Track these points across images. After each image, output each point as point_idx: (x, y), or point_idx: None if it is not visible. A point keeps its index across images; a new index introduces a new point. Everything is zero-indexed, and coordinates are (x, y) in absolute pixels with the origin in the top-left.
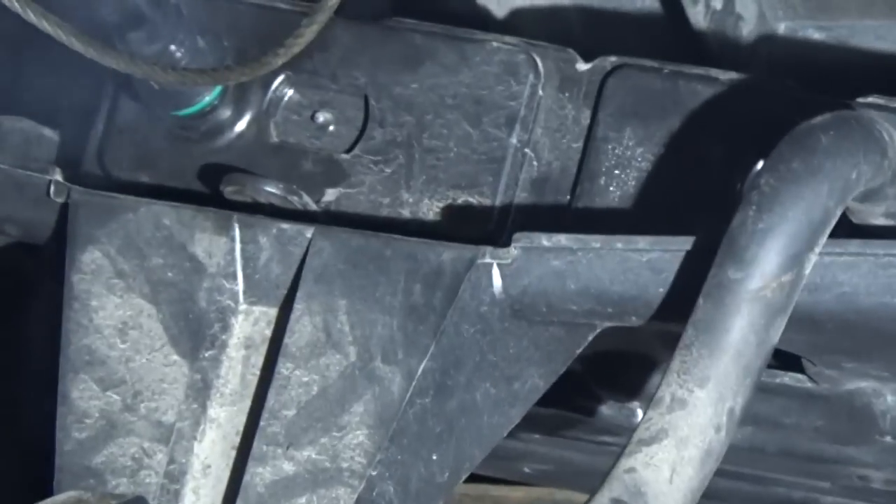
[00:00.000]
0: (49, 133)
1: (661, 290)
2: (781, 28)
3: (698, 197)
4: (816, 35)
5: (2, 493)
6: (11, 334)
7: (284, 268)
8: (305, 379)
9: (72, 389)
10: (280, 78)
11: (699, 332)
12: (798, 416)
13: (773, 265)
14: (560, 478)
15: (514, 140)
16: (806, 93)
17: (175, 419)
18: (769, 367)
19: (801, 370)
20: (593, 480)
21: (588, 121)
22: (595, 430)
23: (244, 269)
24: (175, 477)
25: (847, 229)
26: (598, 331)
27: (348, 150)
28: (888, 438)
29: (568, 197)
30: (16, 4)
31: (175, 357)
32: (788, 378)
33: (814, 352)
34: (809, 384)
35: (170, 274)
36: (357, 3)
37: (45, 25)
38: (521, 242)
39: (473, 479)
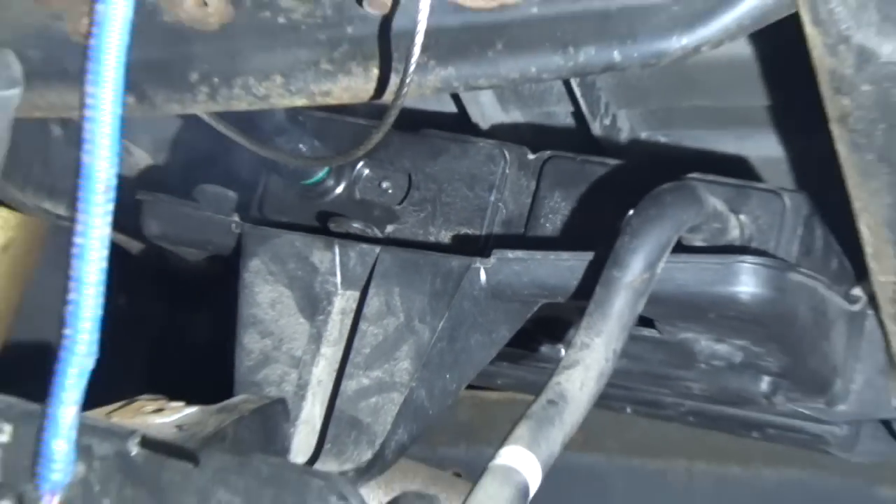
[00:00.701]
0: (231, 194)
1: (576, 282)
2: (643, 135)
3: (596, 229)
4: (663, 139)
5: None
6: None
7: (364, 269)
8: (375, 331)
9: (244, 337)
10: (361, 163)
11: (597, 306)
12: (651, 353)
13: (639, 268)
14: (518, 386)
15: (492, 198)
16: (658, 172)
17: (302, 354)
18: (635, 325)
19: (654, 326)
20: (537, 389)
21: (534, 187)
22: (538, 360)
23: (341, 269)
24: (302, 387)
25: (680, 248)
26: (539, 305)
27: (399, 204)
28: (702, 365)
29: (523, 230)
30: (211, 121)
31: (302, 319)
32: (646, 331)
33: (660, 317)
34: (658, 335)
35: (299, 273)
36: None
37: (230, 133)
38: (497, 255)
39: (466, 387)
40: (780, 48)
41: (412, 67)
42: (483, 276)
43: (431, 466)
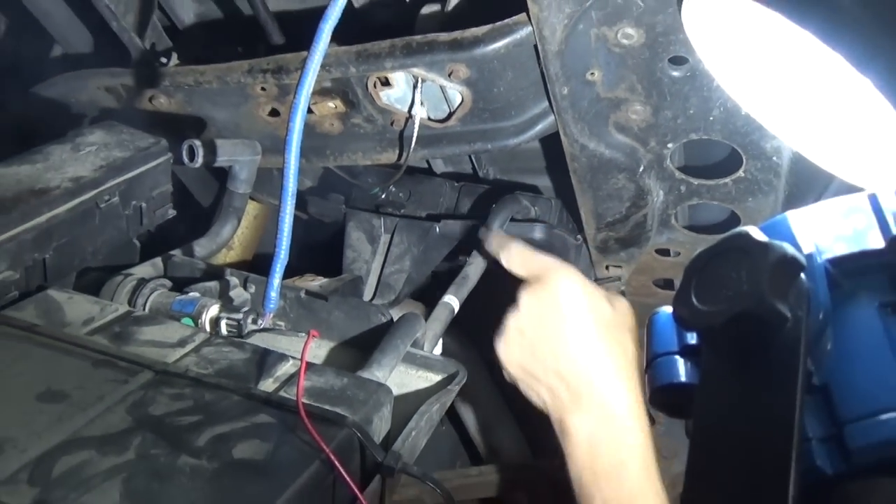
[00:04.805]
0: (341, 196)
1: (472, 232)
2: (499, 177)
3: (480, 213)
4: (506, 178)
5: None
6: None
7: (392, 226)
8: (396, 251)
9: (346, 252)
10: (392, 186)
11: (480, 241)
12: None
13: (496, 228)
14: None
15: (441, 199)
16: (504, 191)
17: (369, 258)
18: None
19: None
20: (458, 272)
21: (457, 195)
22: (461, 263)
23: (384, 226)
24: (368, 272)
25: (512, 219)
26: (459, 239)
27: (406, 202)
28: None
29: (453, 212)
30: (335, 169)
31: (368, 245)
32: None
33: None
34: None
35: (367, 227)
36: (407, 169)
37: (341, 173)
38: (443, 222)
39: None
40: (552, 143)
41: (410, 150)
42: (438, 230)
43: (417, 302)
